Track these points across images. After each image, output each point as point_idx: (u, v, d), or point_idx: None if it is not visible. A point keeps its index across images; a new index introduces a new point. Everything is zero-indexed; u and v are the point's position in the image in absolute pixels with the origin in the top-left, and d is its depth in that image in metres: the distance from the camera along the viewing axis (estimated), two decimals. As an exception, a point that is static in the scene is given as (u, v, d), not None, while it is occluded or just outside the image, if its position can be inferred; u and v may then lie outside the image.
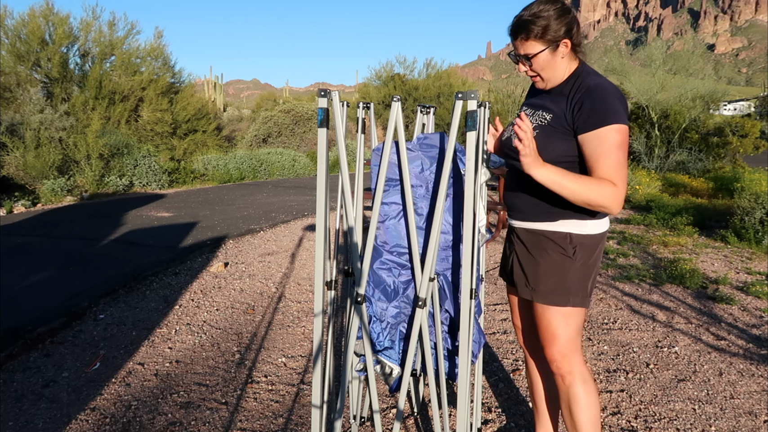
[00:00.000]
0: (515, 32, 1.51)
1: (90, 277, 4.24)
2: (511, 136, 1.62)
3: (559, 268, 1.57)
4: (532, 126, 1.50)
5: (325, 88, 1.42)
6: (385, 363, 1.66)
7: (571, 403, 1.62)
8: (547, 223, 1.58)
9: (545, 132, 1.53)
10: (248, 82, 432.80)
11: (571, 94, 1.50)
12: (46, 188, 8.75)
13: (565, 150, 1.51)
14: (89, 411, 2.30)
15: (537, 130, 1.54)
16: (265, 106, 21.40)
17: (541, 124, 1.56)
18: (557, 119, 1.52)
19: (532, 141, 1.40)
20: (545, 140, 1.51)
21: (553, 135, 1.52)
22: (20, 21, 11.06)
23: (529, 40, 1.49)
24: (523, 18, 1.49)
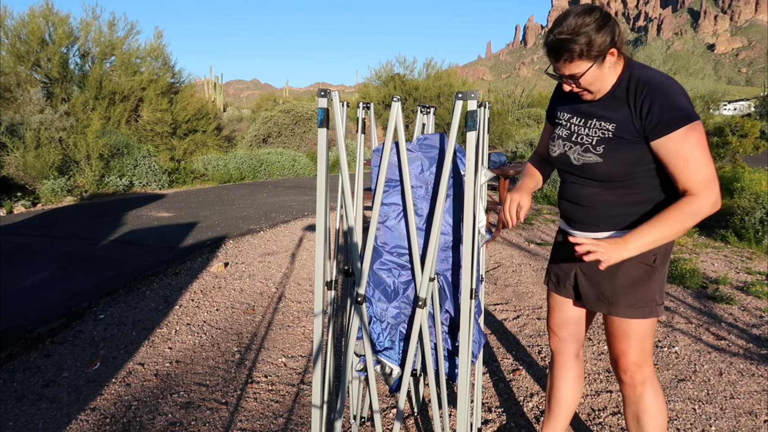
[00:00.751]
0: (556, 54, 1.37)
1: (90, 277, 4.24)
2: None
3: (640, 279, 1.48)
4: (594, 138, 1.45)
5: (325, 88, 1.42)
6: (385, 363, 1.66)
7: (640, 413, 1.59)
8: (619, 232, 1.47)
9: (612, 144, 1.42)
10: (248, 82, 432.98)
11: (631, 98, 1.38)
12: (46, 188, 8.75)
13: (639, 158, 1.40)
14: (89, 411, 2.30)
15: (602, 144, 1.43)
16: (265, 106, 21.41)
17: (605, 136, 1.43)
18: (622, 127, 1.40)
19: (598, 244, 1.30)
20: (615, 154, 1.41)
21: (622, 146, 1.41)
22: (20, 21, 11.06)
23: (574, 60, 1.35)
24: (562, 37, 1.33)
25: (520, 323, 3.31)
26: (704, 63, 16.38)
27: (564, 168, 1.55)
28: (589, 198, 1.50)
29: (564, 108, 1.58)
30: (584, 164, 1.46)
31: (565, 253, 1.65)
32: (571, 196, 1.56)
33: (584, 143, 1.47)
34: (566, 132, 1.54)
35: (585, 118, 1.50)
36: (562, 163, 1.54)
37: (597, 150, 1.44)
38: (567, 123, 1.56)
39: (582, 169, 1.47)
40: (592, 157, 1.44)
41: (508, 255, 4.98)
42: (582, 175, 1.49)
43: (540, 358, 2.81)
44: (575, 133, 1.51)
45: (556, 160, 1.56)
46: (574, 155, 1.49)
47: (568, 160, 1.51)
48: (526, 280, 4.23)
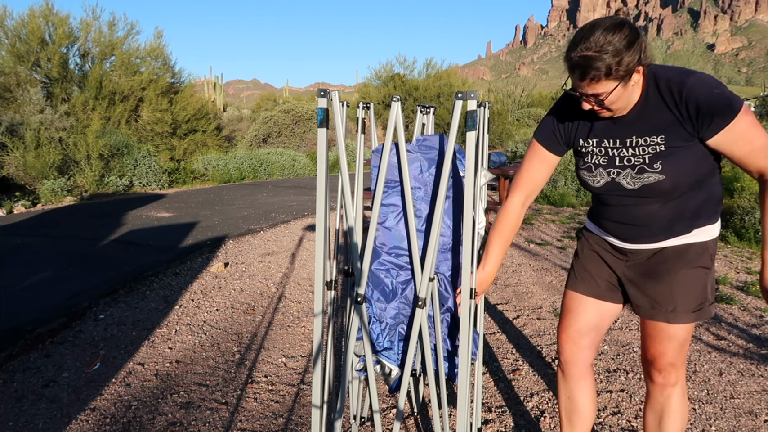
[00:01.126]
0: (582, 73, 1.26)
1: (90, 277, 4.24)
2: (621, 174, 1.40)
3: (698, 282, 1.43)
4: (646, 156, 1.35)
5: (324, 88, 1.42)
6: (385, 363, 1.66)
7: (665, 413, 1.56)
8: (679, 238, 1.42)
9: (670, 157, 1.33)
10: (248, 82, 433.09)
11: (671, 103, 1.30)
12: (46, 188, 8.75)
13: (700, 161, 1.34)
14: (89, 411, 2.30)
15: (659, 160, 1.33)
16: (265, 106, 21.40)
17: (658, 150, 1.34)
18: (673, 136, 1.32)
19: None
20: (676, 166, 1.33)
21: (680, 154, 1.32)
22: (20, 21, 11.06)
23: (601, 80, 1.25)
24: (589, 54, 1.22)
25: (520, 323, 3.32)
26: (704, 63, 16.33)
27: (613, 194, 1.44)
28: (647, 217, 1.41)
29: (586, 133, 1.45)
30: (643, 186, 1.36)
31: (605, 259, 1.57)
32: (622, 217, 1.46)
33: (636, 164, 1.37)
34: (604, 158, 1.42)
35: (622, 138, 1.39)
36: (612, 190, 1.43)
37: (655, 167, 1.34)
38: (599, 149, 1.43)
39: (641, 191, 1.38)
40: (651, 176, 1.35)
41: (508, 255, 4.98)
42: (639, 195, 1.39)
43: (540, 358, 2.81)
44: (617, 157, 1.40)
45: (603, 189, 1.44)
46: (626, 180, 1.39)
47: (619, 187, 1.41)
48: (526, 280, 4.24)
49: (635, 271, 1.50)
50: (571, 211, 7.33)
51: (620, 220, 1.46)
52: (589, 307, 1.62)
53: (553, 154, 1.54)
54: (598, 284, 1.59)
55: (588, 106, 1.32)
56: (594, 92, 1.28)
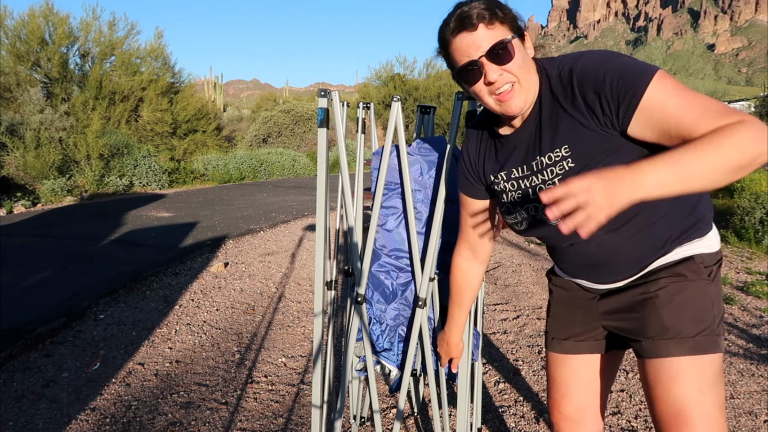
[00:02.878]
0: (466, 22, 0.99)
1: (90, 277, 4.24)
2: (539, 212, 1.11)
3: (696, 301, 1.07)
4: (557, 179, 1.05)
5: (325, 88, 1.42)
6: (385, 364, 1.66)
7: None
8: (661, 260, 1.10)
9: (590, 168, 1.00)
10: (248, 82, 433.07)
11: (565, 101, 1.02)
12: (46, 188, 8.75)
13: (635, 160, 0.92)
14: (89, 411, 2.30)
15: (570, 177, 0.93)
16: (265, 106, 21.41)
17: (567, 167, 1.03)
18: (580, 144, 1.01)
19: (586, 188, 0.80)
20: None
21: (601, 162, 1.00)
22: (20, 21, 11.06)
23: (494, 23, 0.99)
24: (463, 11, 1.00)
25: (520, 323, 3.32)
26: (704, 63, 16.32)
27: (547, 234, 1.16)
28: (602, 252, 1.11)
29: (494, 167, 1.18)
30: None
31: (578, 301, 1.27)
32: (576, 258, 1.17)
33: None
34: (518, 193, 1.13)
35: (528, 162, 1.10)
36: (542, 233, 1.15)
37: None
38: (510, 182, 1.14)
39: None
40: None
41: (508, 255, 4.98)
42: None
43: (540, 358, 2.81)
44: (530, 188, 1.10)
45: (530, 231, 1.16)
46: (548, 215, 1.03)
47: (545, 224, 1.10)
48: (526, 280, 4.24)
49: (614, 301, 1.18)
50: (571, 211, 7.32)
51: (576, 261, 1.18)
52: (581, 370, 1.28)
53: (477, 199, 1.27)
54: (580, 335, 1.27)
55: (492, 76, 1.00)
56: (493, 43, 0.98)
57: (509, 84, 1.02)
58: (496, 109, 1.06)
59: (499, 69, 1.01)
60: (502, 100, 1.04)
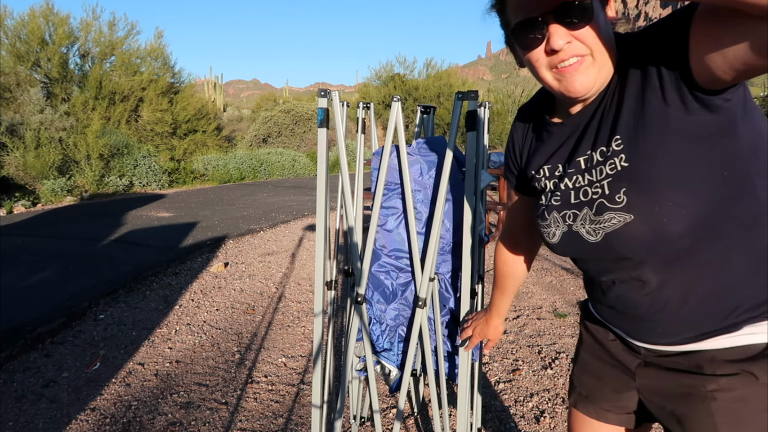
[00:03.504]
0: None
1: (90, 277, 4.24)
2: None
3: (755, 416, 0.78)
4: (605, 183, 0.78)
5: (325, 88, 1.42)
6: (385, 364, 1.66)
7: None
8: (720, 339, 0.80)
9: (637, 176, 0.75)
10: (248, 82, 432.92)
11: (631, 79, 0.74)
12: (46, 188, 8.75)
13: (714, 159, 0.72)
14: (89, 411, 2.30)
15: (621, 185, 0.76)
16: (265, 106, 21.42)
17: (619, 168, 0.76)
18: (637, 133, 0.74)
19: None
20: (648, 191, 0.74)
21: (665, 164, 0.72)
22: (20, 21, 11.06)
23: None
24: None
25: (520, 323, 3.32)
26: (704, 63, 16.38)
27: (581, 257, 0.90)
28: (647, 298, 0.83)
29: (536, 160, 0.94)
30: (608, 237, 0.79)
31: (614, 355, 0.98)
32: (614, 300, 0.89)
33: (593, 198, 0.80)
34: (557, 195, 0.88)
35: (575, 158, 0.84)
36: (574, 248, 0.87)
37: (617, 200, 0.76)
38: (552, 180, 0.90)
39: (610, 247, 0.80)
40: (614, 217, 0.77)
41: (508, 255, 4.98)
42: (614, 256, 0.82)
43: (540, 358, 2.81)
44: (572, 190, 0.85)
45: (562, 247, 0.89)
46: (585, 227, 0.82)
47: (580, 240, 0.84)
48: (527, 280, 4.24)
49: (657, 378, 0.90)
50: (571, 211, 7.32)
51: (616, 306, 0.89)
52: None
53: (518, 192, 1.08)
54: (609, 403, 1.02)
55: (561, 42, 0.74)
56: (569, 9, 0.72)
57: (577, 57, 0.75)
58: (553, 86, 0.80)
59: (568, 34, 0.74)
60: (564, 74, 0.76)
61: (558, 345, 2.96)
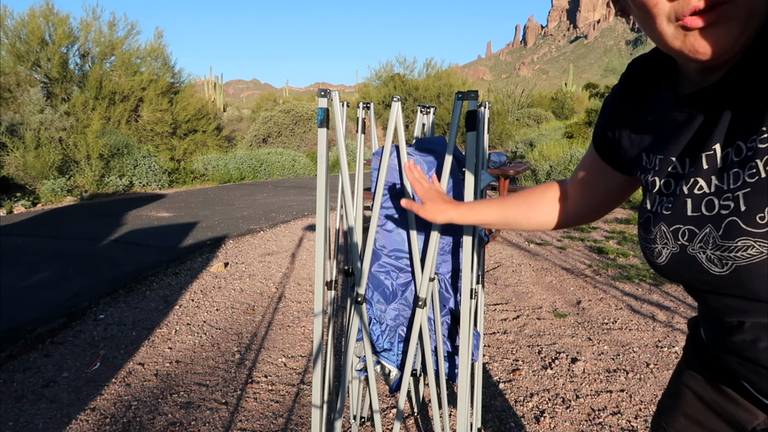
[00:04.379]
0: None
1: (90, 277, 4.24)
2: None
3: None
4: (741, 193, 0.56)
5: (325, 88, 1.42)
6: (385, 364, 1.66)
7: None
8: None
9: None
10: (248, 82, 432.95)
11: None
12: (46, 188, 8.75)
13: None
14: (89, 411, 2.30)
15: (762, 199, 0.53)
16: (265, 106, 21.42)
17: (760, 176, 0.53)
18: None
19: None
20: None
21: None
22: (20, 21, 11.06)
23: None
24: None
25: (520, 323, 3.32)
26: (704, 63, 16.46)
27: (694, 286, 0.67)
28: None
29: (643, 141, 0.73)
30: (738, 270, 0.57)
31: (722, 419, 0.76)
32: (732, 345, 0.66)
33: (722, 214, 0.58)
34: (669, 203, 0.66)
35: (697, 153, 0.62)
36: (690, 280, 0.67)
37: (759, 220, 0.54)
38: (663, 177, 0.68)
39: (740, 284, 0.59)
40: (751, 245, 0.55)
41: (508, 255, 4.98)
42: (740, 295, 0.60)
43: (540, 358, 2.81)
44: (689, 198, 0.63)
45: (671, 274, 0.69)
46: (706, 253, 0.60)
47: (698, 268, 0.63)
48: (526, 280, 4.23)
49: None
50: (571, 211, 7.32)
51: (731, 350, 0.67)
52: None
53: (601, 158, 0.85)
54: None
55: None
56: None
57: (711, 4, 0.51)
58: (673, 45, 0.56)
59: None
60: (690, 27, 0.53)
61: (558, 345, 2.96)
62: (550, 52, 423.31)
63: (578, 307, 3.59)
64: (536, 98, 23.83)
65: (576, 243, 5.41)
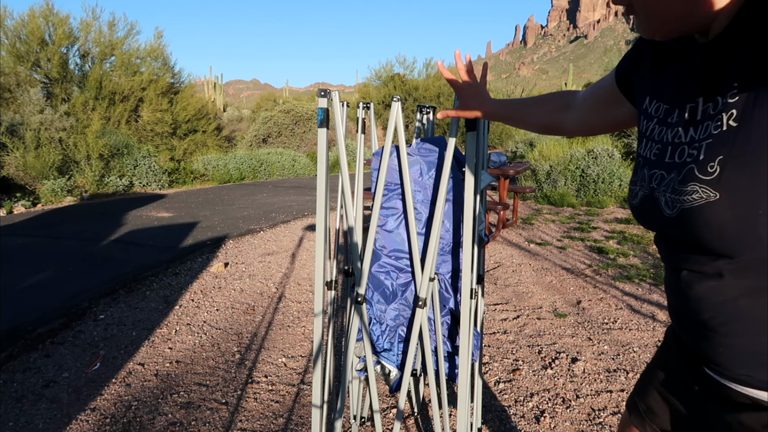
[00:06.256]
0: None
1: (90, 277, 4.24)
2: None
3: None
4: (702, 146, 0.62)
5: (325, 88, 1.42)
6: (385, 364, 1.66)
7: None
8: None
9: (742, 148, 0.57)
10: (248, 82, 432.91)
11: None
12: (46, 188, 8.75)
13: None
14: (89, 411, 2.30)
15: (719, 154, 0.59)
16: (265, 107, 21.42)
17: (723, 129, 0.59)
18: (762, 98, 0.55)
19: None
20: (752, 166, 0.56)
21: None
22: (20, 21, 11.06)
23: None
24: None
25: (520, 323, 3.32)
26: (704, 63, 16.34)
27: (652, 230, 0.74)
28: (710, 304, 0.66)
29: (656, 87, 0.77)
30: (684, 215, 0.63)
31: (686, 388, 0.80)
32: (677, 299, 0.73)
33: (686, 161, 0.64)
34: (657, 149, 0.72)
35: (682, 101, 0.69)
36: (648, 221, 0.73)
37: (709, 170, 0.60)
38: (656, 124, 0.74)
39: (682, 227, 0.64)
40: (696, 191, 0.61)
41: (508, 255, 4.98)
42: (684, 241, 0.66)
43: (540, 358, 2.81)
44: (669, 145, 0.69)
45: (638, 215, 0.75)
46: (666, 196, 0.67)
47: (656, 211, 0.69)
48: (526, 280, 4.23)
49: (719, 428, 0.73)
50: (571, 211, 7.33)
51: (675, 305, 0.74)
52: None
53: (618, 87, 0.91)
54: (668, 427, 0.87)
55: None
56: None
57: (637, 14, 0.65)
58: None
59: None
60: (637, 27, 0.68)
61: (558, 345, 2.96)
62: (550, 52, 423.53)
63: (578, 307, 3.59)
64: (536, 98, 23.78)
65: (576, 243, 5.41)
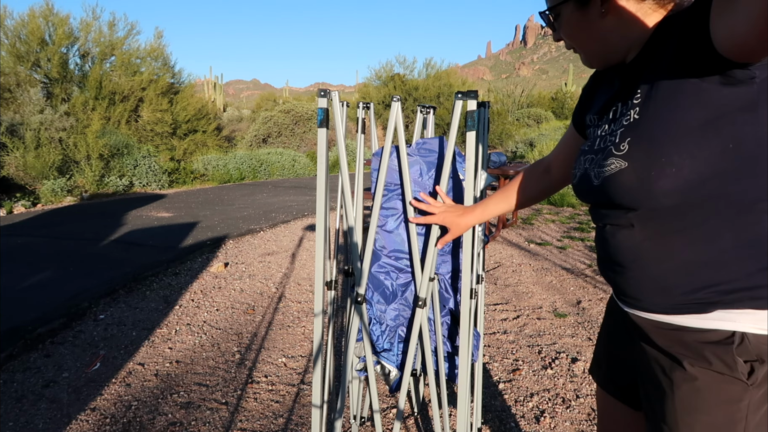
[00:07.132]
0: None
1: (90, 277, 4.24)
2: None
3: (714, 408, 0.79)
4: (618, 134, 0.84)
5: (324, 88, 1.42)
6: (385, 364, 1.66)
7: None
8: (690, 317, 0.80)
9: (641, 129, 0.79)
10: (248, 83, 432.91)
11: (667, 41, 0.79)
12: (46, 188, 8.75)
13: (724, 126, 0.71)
14: (89, 411, 2.30)
15: (627, 137, 0.81)
16: (265, 107, 21.42)
17: (630, 121, 0.82)
18: (660, 85, 0.77)
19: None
20: (647, 141, 0.77)
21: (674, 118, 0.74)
22: (20, 21, 11.06)
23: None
24: None
25: (520, 323, 3.32)
26: (704, 63, 16.35)
27: (586, 200, 0.96)
28: (624, 249, 0.87)
29: (593, 107, 1.02)
30: (605, 181, 0.84)
31: (620, 336, 1.04)
32: (601, 248, 0.95)
33: (608, 145, 0.86)
34: (590, 142, 0.96)
35: (609, 107, 0.93)
36: (582, 193, 0.95)
37: (622, 148, 0.81)
38: (593, 128, 0.99)
39: (605, 191, 0.85)
40: (612, 162, 0.82)
41: (508, 255, 4.98)
42: (606, 202, 0.87)
43: (540, 358, 2.81)
44: (599, 138, 0.92)
45: (576, 190, 0.97)
46: (594, 171, 0.88)
47: (587, 184, 0.91)
48: (526, 280, 4.24)
49: (642, 359, 0.93)
50: (571, 211, 7.33)
51: (600, 254, 0.96)
52: (613, 412, 1.12)
53: (577, 132, 1.14)
54: (616, 384, 1.09)
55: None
56: (548, 7, 0.94)
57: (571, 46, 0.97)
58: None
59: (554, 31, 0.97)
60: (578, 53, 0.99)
61: (558, 345, 2.96)
62: (550, 52, 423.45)
63: (578, 306, 3.59)
64: (536, 98, 23.82)
65: (576, 243, 5.41)
